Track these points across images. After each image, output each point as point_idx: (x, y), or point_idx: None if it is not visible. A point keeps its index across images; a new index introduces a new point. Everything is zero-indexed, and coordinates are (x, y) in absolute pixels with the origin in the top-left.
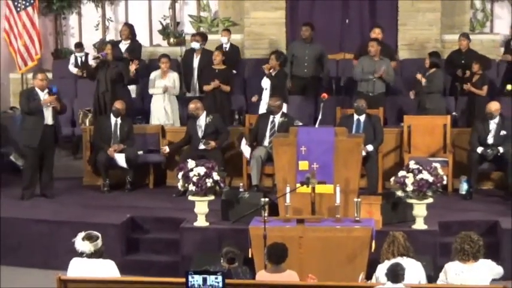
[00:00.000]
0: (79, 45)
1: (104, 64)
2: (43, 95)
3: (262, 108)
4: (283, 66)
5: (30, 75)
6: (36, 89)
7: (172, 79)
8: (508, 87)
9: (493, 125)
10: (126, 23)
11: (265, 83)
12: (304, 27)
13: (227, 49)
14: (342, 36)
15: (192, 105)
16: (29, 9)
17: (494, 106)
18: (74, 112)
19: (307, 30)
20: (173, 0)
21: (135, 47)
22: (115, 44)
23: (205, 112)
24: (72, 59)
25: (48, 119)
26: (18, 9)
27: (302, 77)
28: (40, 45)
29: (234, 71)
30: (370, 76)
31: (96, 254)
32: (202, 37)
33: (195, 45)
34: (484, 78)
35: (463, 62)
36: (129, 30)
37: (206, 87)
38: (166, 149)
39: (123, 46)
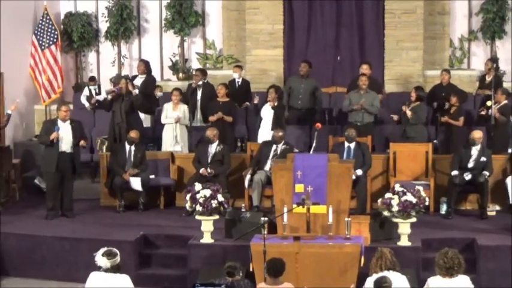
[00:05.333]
0: (92, 79)
1: (119, 97)
2: (64, 126)
3: (261, 136)
4: (281, 98)
5: (53, 107)
6: (58, 120)
7: (183, 110)
8: (488, 103)
9: (474, 151)
10: (142, 59)
11: (264, 113)
12: (303, 64)
13: (239, 83)
14: (334, 71)
15: (210, 132)
16: (52, 47)
17: (477, 134)
18: (92, 140)
19: (305, 67)
20: (182, 39)
21: (148, 82)
22: (131, 79)
23: (218, 141)
24: (86, 91)
25: (64, 147)
26: (43, 47)
27: (297, 109)
28: (62, 79)
29: (248, 103)
30: (354, 107)
31: (112, 269)
32: (203, 73)
33: (200, 82)
34: (461, 110)
35: (443, 94)
36: (145, 66)
37: (211, 118)
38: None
39: (139, 80)
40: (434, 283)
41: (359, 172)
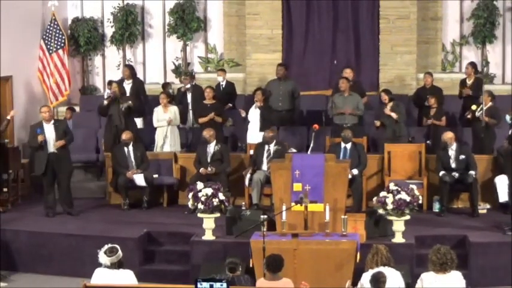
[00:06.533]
0: (110, 83)
1: (114, 101)
2: (48, 127)
3: (250, 138)
4: (267, 100)
5: (60, 109)
6: (43, 121)
7: (173, 111)
8: (473, 107)
9: (451, 151)
10: (126, 64)
11: (252, 115)
12: (279, 67)
13: (223, 86)
14: (331, 74)
15: (205, 132)
16: (60, 51)
17: (447, 135)
18: (98, 140)
19: (281, 70)
20: (184, 44)
21: (138, 86)
22: (120, 82)
23: (215, 141)
24: (106, 95)
25: (50, 148)
26: (51, 51)
27: (278, 110)
28: (69, 82)
29: (230, 104)
30: (342, 111)
31: (115, 265)
32: (191, 76)
33: (188, 86)
34: (441, 110)
35: (428, 97)
36: (130, 71)
37: (201, 120)
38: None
39: (127, 85)
40: (428, 279)
41: (355, 171)
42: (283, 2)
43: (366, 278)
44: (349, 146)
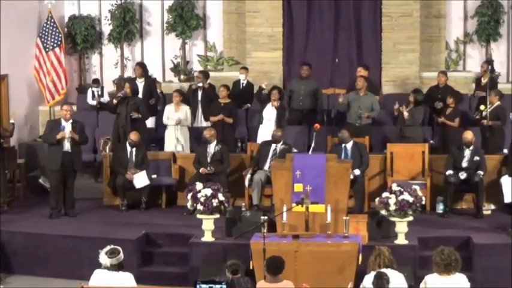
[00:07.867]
0: (96, 81)
1: (124, 100)
2: (67, 125)
3: (261, 136)
4: (281, 99)
5: (57, 108)
6: (62, 119)
7: (185, 111)
8: (482, 107)
9: (467, 151)
10: (138, 62)
11: (267, 113)
12: (305, 66)
13: (244, 85)
14: (333, 73)
15: (206, 132)
16: (56, 49)
17: (469, 135)
18: (96, 140)
19: (308, 70)
20: (183, 42)
21: (151, 84)
22: (132, 81)
23: (215, 141)
24: (89, 93)
25: (66, 146)
26: (47, 49)
27: (299, 110)
28: (66, 81)
29: (249, 105)
30: (358, 111)
31: (115, 267)
32: (205, 75)
33: (200, 84)
34: (457, 111)
35: (439, 96)
36: (142, 70)
37: (212, 119)
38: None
39: (139, 84)
40: (432, 281)
41: (357, 172)
42: (283, 0)
43: (368, 280)
44: (349, 145)
